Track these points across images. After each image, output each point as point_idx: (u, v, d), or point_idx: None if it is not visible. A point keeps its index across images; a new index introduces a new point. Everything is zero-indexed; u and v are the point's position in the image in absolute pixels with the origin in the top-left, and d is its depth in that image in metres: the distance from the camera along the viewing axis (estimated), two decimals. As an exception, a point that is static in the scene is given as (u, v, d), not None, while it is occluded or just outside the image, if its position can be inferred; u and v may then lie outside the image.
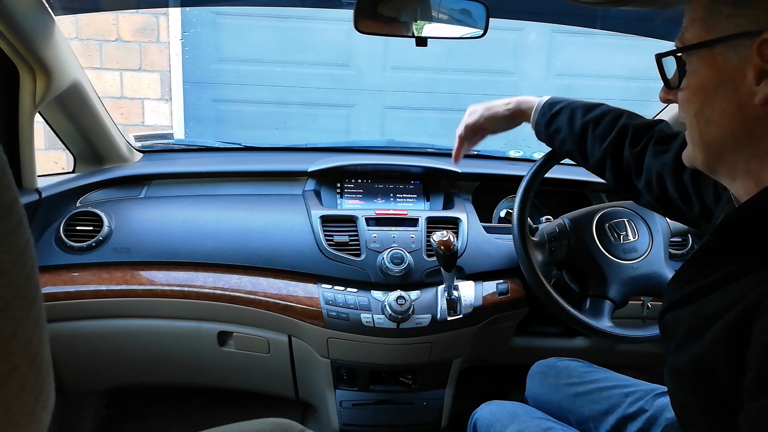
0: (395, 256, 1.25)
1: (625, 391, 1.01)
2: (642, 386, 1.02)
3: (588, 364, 1.12)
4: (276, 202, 1.41)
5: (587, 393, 1.04)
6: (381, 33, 1.02)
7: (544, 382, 1.12)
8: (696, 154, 0.64)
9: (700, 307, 0.59)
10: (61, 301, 1.23)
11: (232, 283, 1.26)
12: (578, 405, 1.04)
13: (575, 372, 1.10)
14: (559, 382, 1.09)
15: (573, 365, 1.12)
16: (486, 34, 1.00)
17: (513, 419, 0.98)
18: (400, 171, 1.49)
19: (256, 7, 3.39)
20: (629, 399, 0.99)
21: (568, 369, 1.11)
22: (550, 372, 1.13)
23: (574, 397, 1.05)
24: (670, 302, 0.67)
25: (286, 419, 0.60)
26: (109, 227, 1.29)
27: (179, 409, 1.68)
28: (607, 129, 0.97)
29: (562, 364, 1.13)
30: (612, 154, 0.97)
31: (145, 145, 1.63)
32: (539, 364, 1.18)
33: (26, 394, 0.29)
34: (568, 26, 3.30)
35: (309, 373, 1.37)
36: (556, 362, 1.15)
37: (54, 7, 1.12)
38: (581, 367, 1.11)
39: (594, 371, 1.09)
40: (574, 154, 1.05)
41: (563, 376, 1.10)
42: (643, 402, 0.97)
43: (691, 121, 0.63)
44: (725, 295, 0.56)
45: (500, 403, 1.06)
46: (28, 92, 1.13)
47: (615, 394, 1.01)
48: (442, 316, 1.24)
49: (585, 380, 1.07)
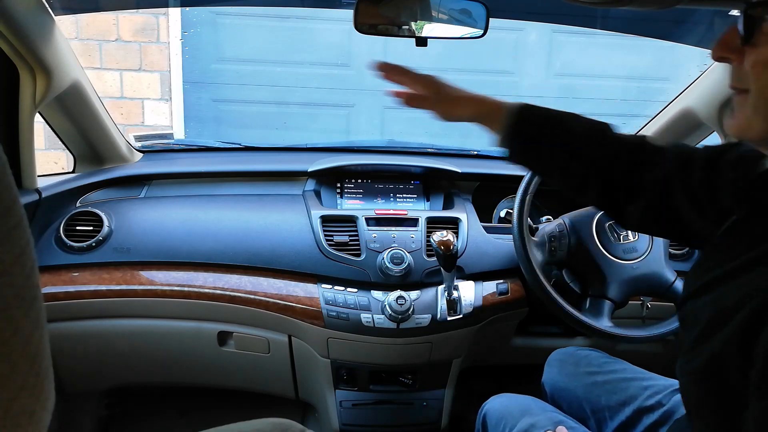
0: (395, 256, 1.25)
1: (644, 384, 1.01)
2: (660, 380, 1.02)
3: (607, 355, 1.12)
4: (276, 202, 1.41)
5: (605, 383, 1.04)
6: (381, 33, 1.02)
7: (563, 370, 1.12)
8: (754, 123, 0.58)
9: (721, 296, 0.58)
10: (61, 301, 1.23)
11: (232, 283, 1.26)
12: (595, 394, 1.03)
13: (594, 361, 1.10)
14: (578, 370, 1.09)
15: (592, 354, 1.12)
16: (486, 34, 1.00)
17: (524, 412, 0.97)
18: (400, 171, 1.49)
19: (256, 7, 3.39)
20: (647, 392, 0.98)
21: (588, 358, 1.11)
22: (569, 360, 1.13)
23: (591, 386, 1.05)
24: (689, 291, 0.66)
25: (286, 419, 0.60)
26: (109, 227, 1.29)
27: (179, 409, 1.68)
28: (594, 143, 0.86)
29: (582, 353, 1.13)
30: (600, 171, 0.85)
31: (145, 145, 1.63)
32: (558, 351, 1.18)
33: (26, 394, 0.29)
34: (568, 26, 3.30)
35: (309, 373, 1.37)
36: (575, 351, 1.15)
37: (54, 7, 1.12)
38: (600, 357, 1.11)
39: (613, 362, 1.09)
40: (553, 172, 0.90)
41: (582, 364, 1.10)
42: (661, 396, 0.96)
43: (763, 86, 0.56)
44: (745, 285, 0.55)
45: (511, 396, 1.05)
46: (28, 92, 1.13)
47: (633, 386, 1.01)
48: (442, 316, 1.24)
49: (604, 370, 1.07)
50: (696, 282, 0.64)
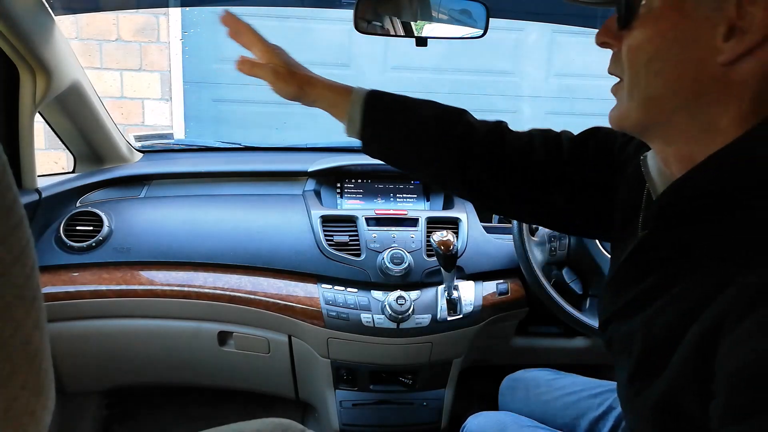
0: (395, 256, 1.25)
1: (592, 392, 1.00)
2: (607, 386, 1.01)
3: (555, 372, 1.12)
4: (276, 202, 1.41)
5: (556, 400, 1.04)
6: (381, 33, 1.02)
7: (515, 396, 1.12)
8: (630, 112, 0.56)
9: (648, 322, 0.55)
10: (61, 301, 1.23)
11: (232, 283, 1.26)
12: (551, 414, 1.03)
13: (543, 381, 1.09)
14: (529, 393, 1.09)
15: (540, 375, 1.11)
16: (486, 34, 1.00)
17: (501, 430, 0.98)
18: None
19: (256, 7, 3.39)
20: (597, 400, 0.98)
21: (536, 380, 1.10)
22: (519, 385, 1.12)
23: (544, 406, 1.05)
24: (608, 314, 0.64)
25: (286, 419, 0.60)
26: (109, 227, 1.29)
27: (179, 409, 1.68)
28: (447, 126, 0.83)
29: (530, 376, 1.13)
30: (458, 155, 0.81)
31: (145, 145, 1.63)
32: (508, 378, 1.17)
33: (26, 394, 0.29)
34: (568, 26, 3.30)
35: (309, 373, 1.37)
36: (523, 374, 1.15)
37: (54, 7, 1.12)
38: (548, 375, 1.10)
39: (560, 377, 1.09)
40: (408, 160, 0.86)
41: (531, 387, 1.09)
42: (611, 400, 0.96)
43: (636, 72, 0.55)
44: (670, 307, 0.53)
45: (487, 414, 1.05)
46: (28, 92, 1.13)
47: (582, 397, 1.00)
48: (442, 316, 1.24)
49: (552, 388, 1.06)
50: (614, 303, 0.62)
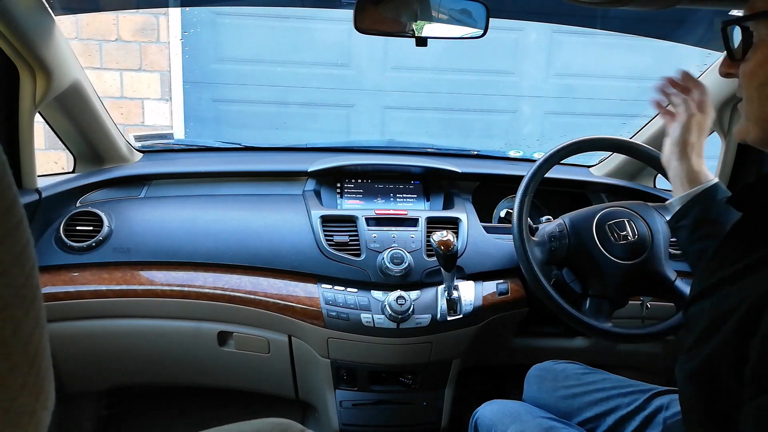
0: (395, 256, 1.25)
1: (623, 391, 1.01)
2: (639, 386, 1.02)
3: (584, 367, 1.12)
4: (276, 202, 1.41)
5: (584, 395, 1.04)
6: (381, 33, 1.02)
7: (542, 386, 1.12)
8: (750, 129, 0.64)
9: (721, 299, 0.59)
10: (61, 301, 1.23)
11: (232, 283, 1.26)
12: (576, 408, 1.04)
13: (572, 374, 1.10)
14: (557, 385, 1.09)
15: (570, 368, 1.12)
16: (486, 34, 1.00)
17: (515, 419, 0.98)
18: (400, 171, 1.49)
19: (256, 7, 3.39)
20: (626, 399, 0.99)
21: (565, 372, 1.11)
22: (548, 375, 1.13)
23: (571, 399, 1.05)
24: (694, 293, 0.67)
25: (286, 419, 0.60)
26: (109, 227, 1.29)
27: (179, 409, 1.68)
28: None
29: (559, 367, 1.13)
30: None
31: (145, 145, 1.63)
32: (536, 367, 1.17)
33: (26, 394, 0.29)
34: (568, 26, 3.30)
35: (309, 373, 1.37)
36: (552, 365, 1.15)
37: (54, 7, 1.12)
38: (578, 370, 1.11)
39: (590, 373, 1.09)
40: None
41: (560, 378, 1.10)
42: (641, 402, 0.97)
43: (751, 95, 0.62)
44: (745, 288, 0.56)
45: (501, 402, 1.06)
46: (28, 92, 1.13)
47: (612, 395, 1.01)
48: (442, 316, 1.24)
49: (582, 382, 1.07)
50: (700, 284, 0.65)
